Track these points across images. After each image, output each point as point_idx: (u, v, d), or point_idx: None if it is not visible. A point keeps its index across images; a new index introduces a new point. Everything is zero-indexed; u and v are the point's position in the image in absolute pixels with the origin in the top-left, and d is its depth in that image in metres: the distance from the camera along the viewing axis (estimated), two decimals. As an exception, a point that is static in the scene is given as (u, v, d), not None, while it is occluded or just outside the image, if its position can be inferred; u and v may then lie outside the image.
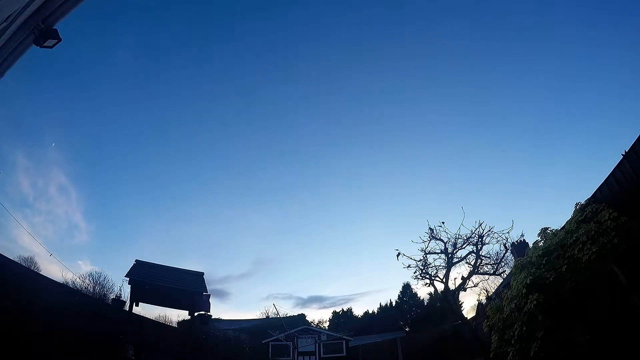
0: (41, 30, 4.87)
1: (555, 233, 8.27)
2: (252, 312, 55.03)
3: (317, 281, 64.25)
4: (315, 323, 43.91)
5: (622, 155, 7.19)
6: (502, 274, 14.90)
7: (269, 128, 43.58)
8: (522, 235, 15.43)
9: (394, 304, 45.72)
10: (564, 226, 8.11)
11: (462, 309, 20.65)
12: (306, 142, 44.17)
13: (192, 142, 43.07)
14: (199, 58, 38.59)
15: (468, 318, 16.87)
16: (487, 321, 9.13)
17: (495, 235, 14.29)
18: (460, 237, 14.53)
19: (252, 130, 42.53)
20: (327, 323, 47.26)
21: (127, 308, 14.09)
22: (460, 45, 35.78)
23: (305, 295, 66.31)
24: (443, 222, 14.55)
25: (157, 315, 18.54)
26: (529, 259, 8.18)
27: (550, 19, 31.66)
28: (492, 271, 14.98)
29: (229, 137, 42.45)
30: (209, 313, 16.74)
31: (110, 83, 34.46)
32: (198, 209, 47.57)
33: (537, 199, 38.16)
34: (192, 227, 47.90)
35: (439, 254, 14.87)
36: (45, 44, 5.00)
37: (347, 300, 67.00)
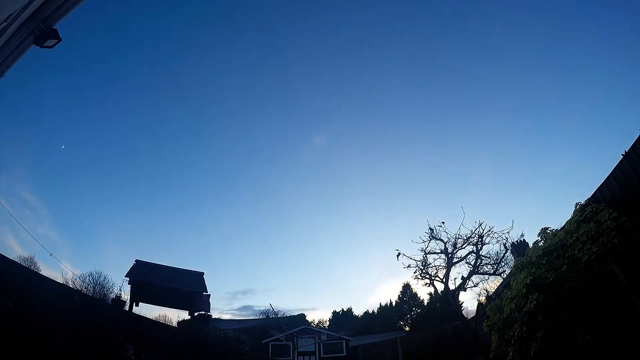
0: (41, 30, 4.86)
1: (555, 233, 8.26)
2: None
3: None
4: (315, 323, 43.96)
5: (622, 155, 7.19)
6: (502, 274, 14.88)
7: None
8: (522, 235, 15.40)
9: (394, 304, 45.73)
10: (564, 226, 8.11)
11: (462, 309, 20.64)
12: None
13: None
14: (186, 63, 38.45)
15: (468, 318, 16.87)
16: (487, 321, 9.13)
17: (495, 235, 14.31)
18: (460, 237, 14.55)
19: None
20: (327, 323, 47.26)
21: (127, 308, 14.08)
22: (456, 44, 35.85)
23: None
24: (443, 222, 14.57)
25: (157, 315, 18.57)
26: (529, 259, 8.18)
27: (550, 15, 31.69)
28: (492, 271, 14.97)
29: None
30: (208, 313, 16.73)
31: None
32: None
33: (537, 199, 38.23)
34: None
35: (439, 254, 14.88)
36: (45, 44, 4.99)
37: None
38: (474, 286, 15.40)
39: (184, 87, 40.47)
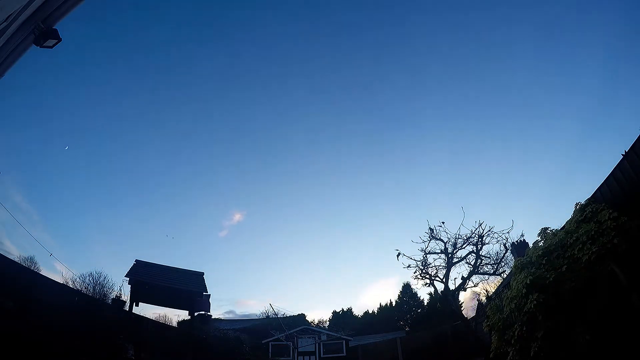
0: (41, 30, 4.87)
1: (555, 233, 8.26)
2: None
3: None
4: (315, 323, 43.93)
5: (622, 155, 7.20)
6: (502, 274, 14.88)
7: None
8: (522, 235, 15.42)
9: (394, 304, 45.78)
10: (564, 226, 8.11)
11: (462, 309, 20.61)
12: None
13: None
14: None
15: (468, 318, 16.86)
16: (487, 321, 9.12)
17: (495, 235, 14.30)
18: (460, 237, 14.54)
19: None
20: (327, 323, 47.25)
21: (127, 308, 14.08)
22: (458, 45, 35.83)
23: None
24: (443, 222, 14.56)
25: (157, 315, 18.51)
26: (529, 259, 8.17)
27: (550, 13, 31.64)
28: (492, 271, 14.97)
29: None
30: (208, 313, 16.74)
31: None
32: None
33: (537, 199, 38.22)
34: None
35: (439, 254, 14.88)
36: (45, 44, 5.00)
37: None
38: (474, 286, 15.40)
39: (185, 87, 40.48)
